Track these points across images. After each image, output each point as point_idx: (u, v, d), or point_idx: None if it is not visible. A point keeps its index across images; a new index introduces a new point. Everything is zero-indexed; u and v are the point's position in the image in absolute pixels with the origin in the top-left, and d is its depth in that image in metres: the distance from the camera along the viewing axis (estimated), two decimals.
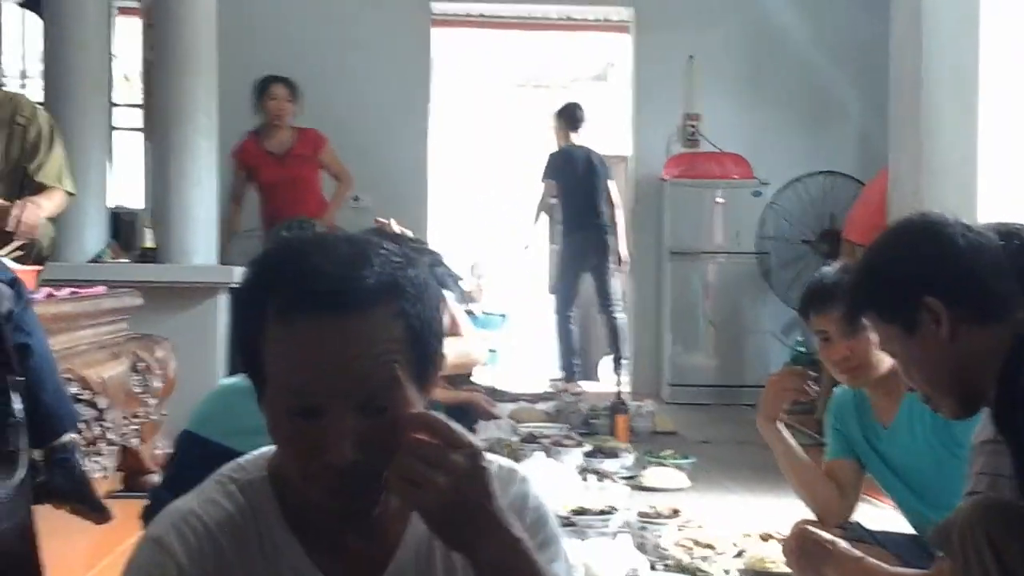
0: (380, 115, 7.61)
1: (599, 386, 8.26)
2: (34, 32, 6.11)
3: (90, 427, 3.18)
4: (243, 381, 1.22)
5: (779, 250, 7.50)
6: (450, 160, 10.20)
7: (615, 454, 4.60)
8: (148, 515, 2.06)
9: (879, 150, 5.82)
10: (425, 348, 1.18)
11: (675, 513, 3.44)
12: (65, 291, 3.41)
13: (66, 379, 3.01)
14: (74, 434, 2.76)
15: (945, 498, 2.10)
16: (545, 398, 6.60)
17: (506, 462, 1.31)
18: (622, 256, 7.45)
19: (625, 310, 7.70)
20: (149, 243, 5.16)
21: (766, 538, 3.14)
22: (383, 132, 7.59)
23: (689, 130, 7.93)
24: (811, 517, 2.71)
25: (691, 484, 4.39)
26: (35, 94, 5.09)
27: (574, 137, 7.52)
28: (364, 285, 1.13)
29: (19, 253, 3.56)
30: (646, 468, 4.51)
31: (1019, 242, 1.83)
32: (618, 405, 5.31)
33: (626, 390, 5.72)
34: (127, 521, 2.33)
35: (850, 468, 2.72)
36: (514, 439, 4.70)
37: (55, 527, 2.58)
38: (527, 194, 8.54)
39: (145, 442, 3.88)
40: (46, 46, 5.39)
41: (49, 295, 3.25)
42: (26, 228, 3.62)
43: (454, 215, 10.68)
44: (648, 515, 3.39)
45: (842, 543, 2.33)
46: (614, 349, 7.45)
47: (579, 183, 7.36)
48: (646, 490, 4.21)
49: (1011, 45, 4.41)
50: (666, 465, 4.58)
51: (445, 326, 1.26)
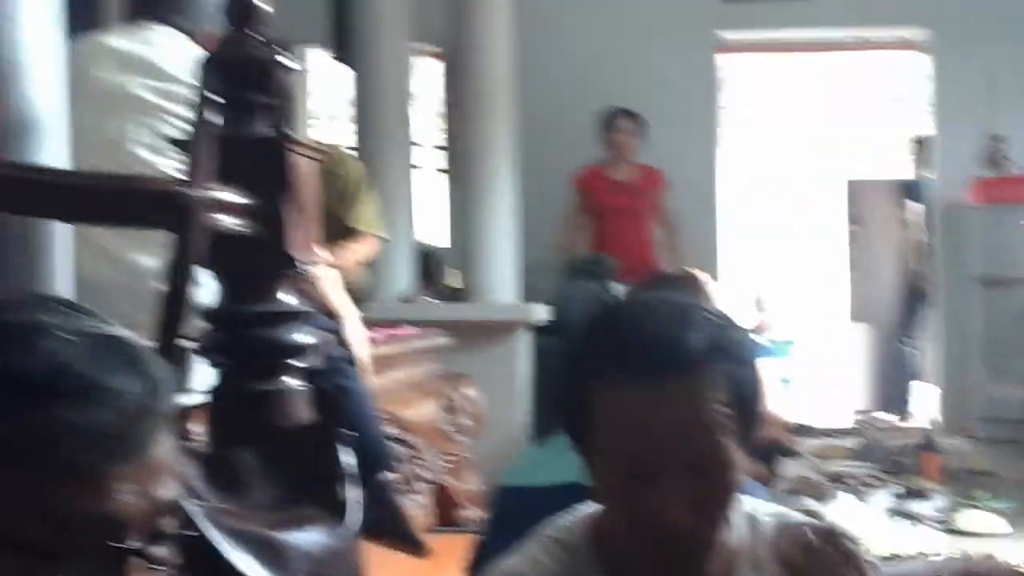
0: (667, 141, 7.45)
1: (902, 420, 7.91)
2: (339, 76, 6.47)
3: (406, 465, 3.34)
4: (556, 439, 1.26)
5: None
6: (744, 188, 10.10)
7: (925, 495, 4.40)
8: (473, 569, 2.12)
9: None
10: (748, 409, 1.20)
11: None
12: (380, 332, 3.60)
13: (382, 419, 3.16)
14: (391, 473, 2.92)
15: None
16: (849, 433, 6.37)
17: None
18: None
19: (928, 339, 7.36)
20: (455, 282, 5.37)
21: None
22: (669, 160, 7.46)
23: (996, 152, 7.49)
24: None
25: (1012, 530, 4.11)
26: (341, 136, 5.36)
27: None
28: (694, 348, 1.16)
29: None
30: (959, 511, 4.27)
31: None
32: (928, 441, 5.07)
33: (933, 425, 5.44)
34: (444, 556, 2.44)
35: None
36: (817, 478, 4.57)
37: (375, 562, 2.73)
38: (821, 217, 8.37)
39: (458, 479, 4.02)
40: (357, 94, 5.69)
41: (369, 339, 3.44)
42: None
43: (743, 243, 10.59)
44: None
45: None
46: (919, 381, 7.13)
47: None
48: (960, 534, 3.98)
49: None
50: (981, 508, 4.32)
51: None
